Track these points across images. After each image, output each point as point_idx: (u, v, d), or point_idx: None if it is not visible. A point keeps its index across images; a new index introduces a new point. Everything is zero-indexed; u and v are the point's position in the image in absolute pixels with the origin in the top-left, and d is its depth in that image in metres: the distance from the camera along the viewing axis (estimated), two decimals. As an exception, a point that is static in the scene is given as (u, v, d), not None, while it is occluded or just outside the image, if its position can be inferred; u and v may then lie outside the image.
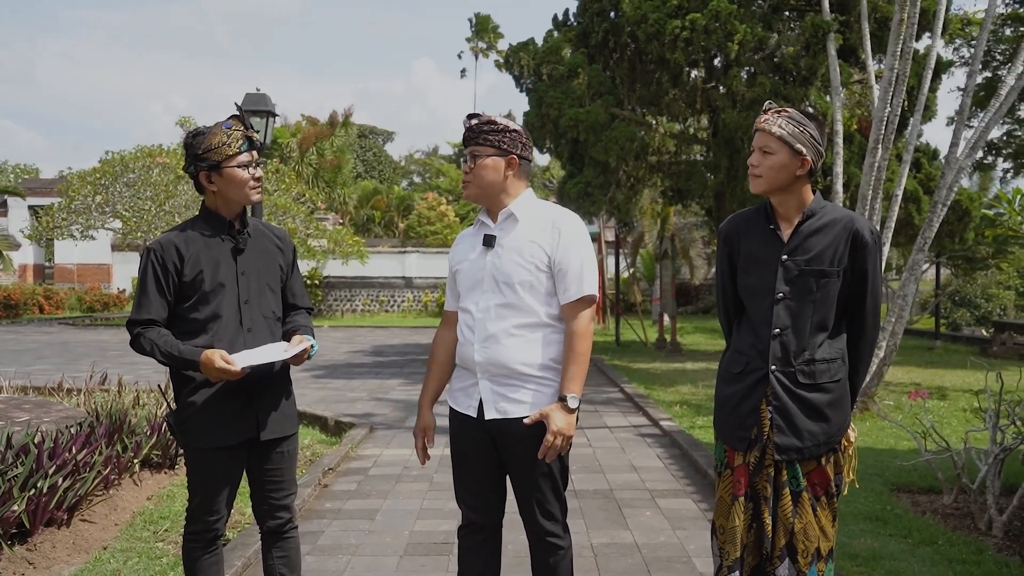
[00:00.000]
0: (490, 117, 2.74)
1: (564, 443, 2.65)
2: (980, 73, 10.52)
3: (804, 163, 2.58)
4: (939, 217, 8.12)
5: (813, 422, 2.56)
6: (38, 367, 11.93)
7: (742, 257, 2.74)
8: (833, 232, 2.58)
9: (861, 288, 2.59)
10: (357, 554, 4.33)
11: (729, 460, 2.70)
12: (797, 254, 2.60)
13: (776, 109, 2.65)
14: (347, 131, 37.52)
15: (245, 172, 2.82)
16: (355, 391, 10.48)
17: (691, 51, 11.30)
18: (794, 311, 2.60)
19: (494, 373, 2.70)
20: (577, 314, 2.70)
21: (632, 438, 7.43)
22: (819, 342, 2.60)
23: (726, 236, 2.82)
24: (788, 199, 2.63)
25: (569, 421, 2.64)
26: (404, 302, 27.30)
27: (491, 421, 2.71)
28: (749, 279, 2.71)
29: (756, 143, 2.63)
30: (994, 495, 4.50)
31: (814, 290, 2.58)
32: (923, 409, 6.33)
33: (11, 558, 3.76)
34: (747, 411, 2.65)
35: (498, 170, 2.72)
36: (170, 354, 2.71)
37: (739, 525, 2.62)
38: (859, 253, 2.57)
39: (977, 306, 18.49)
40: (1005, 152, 21.27)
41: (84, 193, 20.10)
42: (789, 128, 2.58)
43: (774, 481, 2.61)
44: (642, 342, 16.88)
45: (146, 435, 5.44)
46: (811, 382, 2.58)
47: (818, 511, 2.57)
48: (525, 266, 2.68)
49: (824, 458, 2.59)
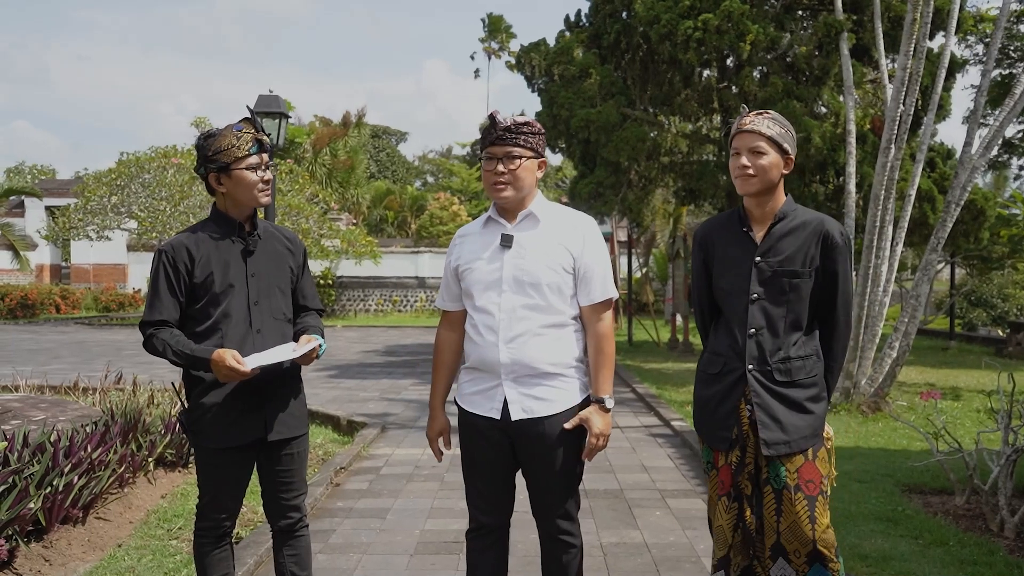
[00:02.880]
0: (527, 119, 2.76)
1: (605, 443, 2.74)
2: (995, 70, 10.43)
3: (788, 162, 2.68)
4: (953, 217, 8.08)
5: (796, 415, 2.63)
6: (54, 366, 12.04)
7: (716, 261, 2.81)
8: (804, 234, 2.66)
9: (832, 288, 2.67)
10: (368, 552, 4.36)
11: (714, 460, 2.76)
12: (770, 256, 2.67)
13: (756, 111, 2.71)
14: (360, 131, 37.62)
15: (254, 174, 2.85)
16: (367, 391, 10.52)
17: (703, 51, 11.28)
18: (768, 311, 2.67)
19: (520, 374, 2.71)
20: (600, 315, 2.76)
21: (643, 438, 7.43)
22: (794, 340, 2.67)
23: (701, 241, 2.88)
24: (768, 200, 2.70)
25: (607, 421, 2.74)
26: (417, 302, 27.36)
27: (516, 422, 2.72)
28: (724, 281, 2.78)
29: (743, 144, 2.66)
30: (1006, 496, 4.48)
31: (787, 290, 2.65)
32: (935, 410, 6.31)
33: (27, 555, 3.81)
34: (726, 411, 2.72)
35: (533, 172, 2.77)
36: (182, 353, 2.74)
37: (724, 524, 2.69)
38: (830, 254, 2.65)
39: (993, 306, 18.34)
40: (1020, 149, 21.09)
41: (100, 194, 20.30)
42: (777, 128, 2.65)
43: (756, 480, 2.66)
44: (654, 342, 16.86)
45: (160, 434, 5.49)
46: (788, 379, 2.65)
47: (815, 512, 2.58)
48: (552, 267, 2.71)
49: (811, 452, 2.63)
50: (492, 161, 2.72)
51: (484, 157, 2.76)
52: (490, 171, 2.73)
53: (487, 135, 2.75)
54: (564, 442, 2.73)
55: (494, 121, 2.72)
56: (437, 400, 2.95)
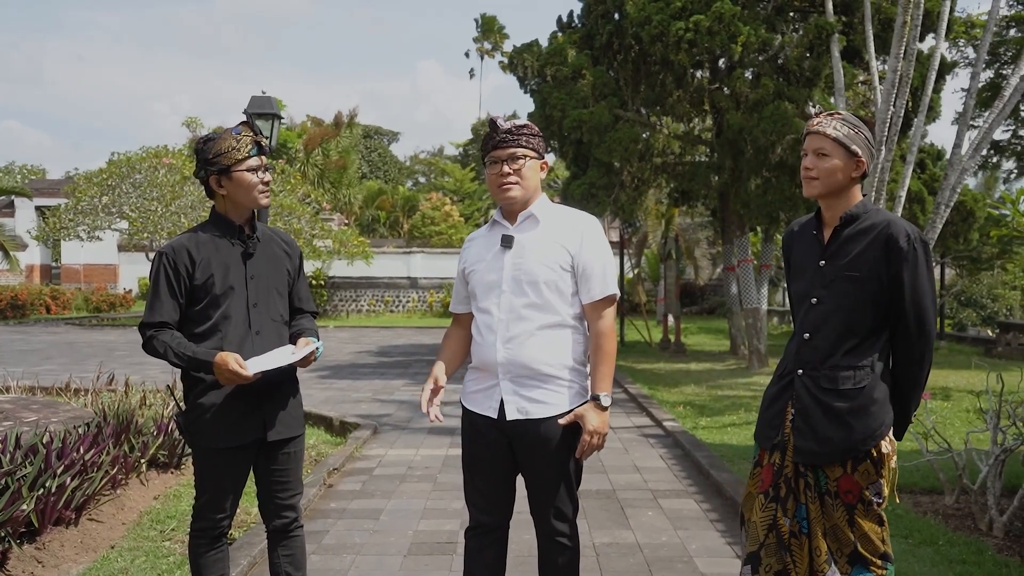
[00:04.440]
0: (526, 122, 2.81)
1: (600, 441, 2.73)
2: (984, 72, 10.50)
3: (859, 165, 2.57)
4: (942, 218, 8.14)
5: (832, 427, 2.52)
6: (45, 367, 12.00)
7: (793, 263, 2.77)
8: (869, 237, 2.54)
9: (899, 296, 2.52)
10: (361, 553, 4.37)
11: (760, 458, 2.73)
12: (834, 259, 2.59)
13: (828, 112, 2.64)
14: (352, 132, 37.55)
15: (254, 176, 2.87)
16: (360, 391, 10.52)
17: (695, 53, 11.32)
18: (826, 316, 2.58)
19: (516, 374, 2.73)
20: (601, 313, 2.77)
21: (635, 438, 7.46)
22: (847, 348, 2.55)
23: (784, 243, 2.86)
24: (838, 203, 2.61)
25: (603, 419, 2.73)
26: (409, 302, 27.35)
27: (512, 422, 2.73)
28: (795, 284, 2.74)
29: (809, 146, 2.59)
30: (995, 496, 4.52)
31: (848, 296, 2.55)
32: (925, 410, 6.35)
33: (20, 557, 3.81)
34: (775, 412, 2.68)
35: (537, 172, 2.81)
36: (184, 356, 2.76)
37: (757, 521, 2.66)
38: (894, 259, 2.50)
39: (983, 306, 18.47)
40: (1010, 151, 21.23)
41: (91, 194, 20.21)
42: (844, 130, 2.56)
43: (799, 486, 2.60)
44: (646, 342, 16.90)
45: (153, 435, 5.49)
46: (832, 387, 2.54)
47: (856, 518, 2.54)
48: (550, 266, 2.73)
49: (850, 465, 2.54)
50: (496, 164, 2.76)
51: (488, 162, 2.79)
52: (495, 174, 2.76)
53: (488, 140, 2.79)
54: (560, 444, 2.73)
55: (495, 125, 2.76)
56: (437, 366, 2.93)
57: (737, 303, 13.88)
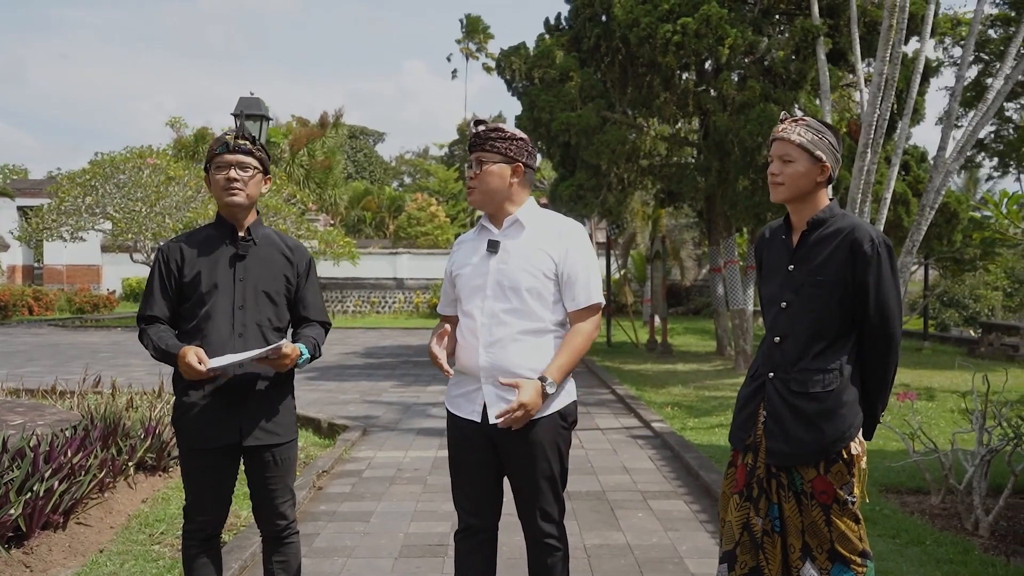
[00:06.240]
0: (497, 125, 2.79)
1: (524, 417, 2.65)
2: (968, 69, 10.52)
3: (824, 170, 2.61)
4: (927, 220, 8.21)
5: (803, 430, 2.56)
6: (29, 369, 11.89)
7: (764, 267, 2.81)
8: (835, 242, 2.58)
9: (864, 300, 2.55)
10: (352, 556, 4.36)
11: (734, 459, 2.78)
12: (802, 264, 2.63)
13: (792, 119, 2.68)
14: (338, 132, 37.43)
15: (220, 173, 2.90)
16: (347, 393, 10.49)
17: (682, 55, 11.36)
18: (795, 319, 2.63)
19: (498, 378, 2.73)
20: (585, 319, 2.77)
21: (624, 439, 7.48)
22: (816, 351, 2.59)
23: (756, 248, 2.89)
24: (805, 207, 2.66)
25: (536, 400, 2.65)
26: (395, 303, 27.30)
27: (494, 426, 2.73)
28: (766, 288, 2.78)
29: (775, 152, 2.64)
30: (980, 496, 4.57)
31: (815, 299, 2.59)
32: (911, 410, 6.40)
33: (8, 561, 3.78)
34: (748, 414, 2.72)
35: (504, 177, 2.77)
36: (159, 348, 2.81)
37: (732, 521, 2.70)
38: (859, 263, 2.54)
39: (965, 307, 18.64)
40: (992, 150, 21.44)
41: (74, 194, 20.00)
42: (808, 136, 2.60)
43: (772, 486, 2.64)
44: (633, 343, 16.95)
45: (140, 438, 5.45)
46: (802, 390, 2.58)
47: (832, 517, 2.56)
48: (533, 273, 2.73)
49: (823, 466, 2.57)
50: (469, 168, 2.79)
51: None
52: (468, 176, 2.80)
53: (469, 141, 2.82)
54: (544, 447, 2.74)
55: (472, 128, 2.80)
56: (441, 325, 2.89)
57: (723, 304, 13.94)
